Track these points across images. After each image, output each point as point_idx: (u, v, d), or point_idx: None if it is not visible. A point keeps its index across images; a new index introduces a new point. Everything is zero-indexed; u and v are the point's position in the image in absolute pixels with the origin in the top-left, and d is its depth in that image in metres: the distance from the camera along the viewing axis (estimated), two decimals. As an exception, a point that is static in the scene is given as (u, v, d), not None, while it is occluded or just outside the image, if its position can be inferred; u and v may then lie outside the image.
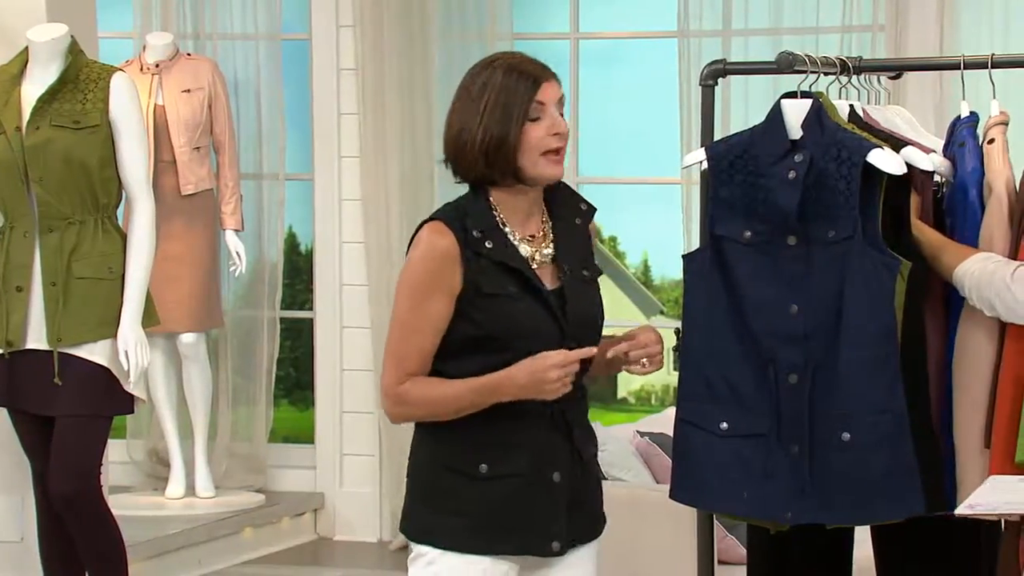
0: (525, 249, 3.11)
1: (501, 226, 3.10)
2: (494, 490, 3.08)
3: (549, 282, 3.11)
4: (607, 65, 7.55)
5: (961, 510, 3.03)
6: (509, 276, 3.07)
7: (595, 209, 3.24)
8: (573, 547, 3.14)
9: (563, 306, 3.09)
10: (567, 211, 3.17)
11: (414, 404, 3.08)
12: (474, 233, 3.07)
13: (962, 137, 3.64)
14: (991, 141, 3.60)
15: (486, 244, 3.07)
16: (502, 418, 3.07)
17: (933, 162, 3.60)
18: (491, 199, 3.10)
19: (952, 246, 3.56)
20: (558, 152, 3.08)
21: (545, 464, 3.09)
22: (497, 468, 3.08)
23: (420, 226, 3.12)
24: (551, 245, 3.14)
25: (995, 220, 3.52)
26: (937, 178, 3.68)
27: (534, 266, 3.10)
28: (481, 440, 3.09)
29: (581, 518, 3.14)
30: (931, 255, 3.56)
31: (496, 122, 3.05)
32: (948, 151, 3.68)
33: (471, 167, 3.08)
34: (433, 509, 3.10)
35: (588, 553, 3.18)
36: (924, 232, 3.59)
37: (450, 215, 3.10)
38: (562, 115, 3.10)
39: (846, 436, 3.50)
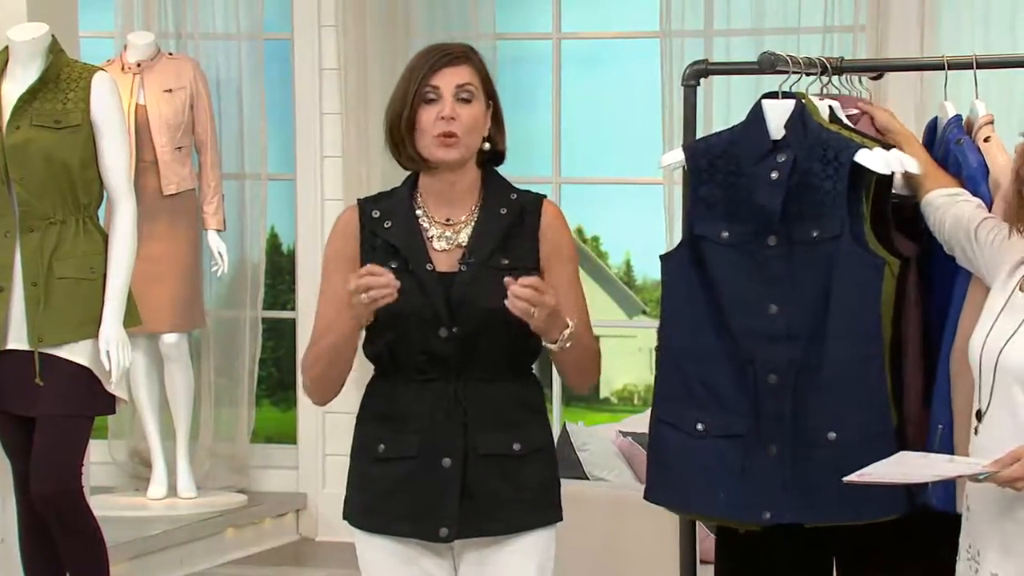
0: (433, 232, 3.18)
1: (414, 209, 3.20)
2: (389, 471, 3.18)
3: (447, 265, 3.16)
4: (589, 65, 7.57)
5: (851, 478, 3.08)
6: (394, 254, 3.17)
7: (539, 197, 3.25)
8: (468, 537, 3.16)
9: (447, 288, 3.13)
10: (494, 202, 3.22)
11: (305, 367, 3.25)
12: (374, 214, 3.21)
13: (957, 135, 3.65)
14: (987, 139, 3.61)
15: (384, 224, 3.19)
16: (400, 400, 3.17)
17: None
18: (419, 181, 3.22)
19: (930, 176, 3.55)
20: (449, 136, 3.14)
21: (435, 448, 3.15)
22: (392, 449, 3.17)
23: None
24: (469, 231, 3.18)
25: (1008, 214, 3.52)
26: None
27: (439, 248, 3.17)
28: (382, 421, 3.19)
29: (478, 510, 3.15)
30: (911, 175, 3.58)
31: (394, 103, 3.18)
32: (937, 151, 3.68)
33: (391, 148, 3.21)
34: (348, 487, 3.25)
35: (520, 547, 3.18)
36: (912, 150, 3.58)
37: (369, 198, 3.28)
38: (467, 101, 3.16)
39: (832, 435, 3.50)
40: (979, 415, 3.17)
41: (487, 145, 3.22)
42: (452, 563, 3.21)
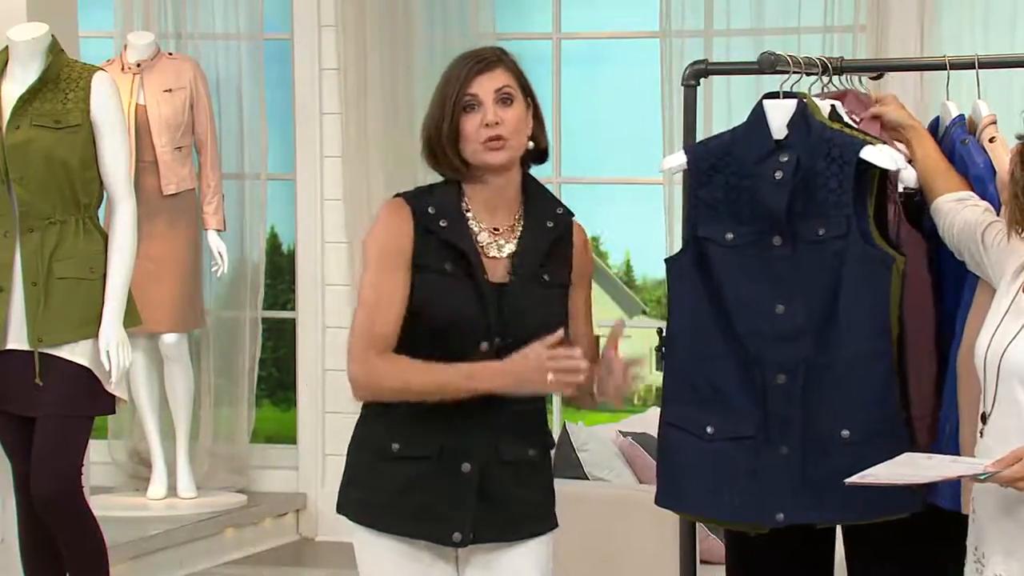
0: (484, 239, 3.16)
1: (464, 212, 3.16)
2: (402, 470, 3.14)
3: (498, 276, 3.14)
4: (589, 65, 7.55)
5: (854, 479, 3.07)
6: (452, 256, 3.13)
7: (571, 214, 3.26)
8: (481, 542, 3.15)
9: (499, 299, 3.11)
10: (540, 213, 3.20)
11: (383, 375, 3.08)
12: (429, 210, 3.15)
13: (961, 135, 3.65)
14: (992, 139, 3.61)
15: (440, 223, 3.14)
16: (425, 403, 3.10)
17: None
18: (463, 187, 3.17)
19: (941, 175, 3.56)
20: (497, 140, 3.12)
21: (455, 452, 3.12)
22: (407, 449, 3.13)
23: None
24: (515, 242, 3.17)
25: None
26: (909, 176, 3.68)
27: (489, 256, 3.14)
28: (398, 420, 3.14)
29: (494, 515, 3.14)
30: (922, 171, 3.57)
31: (433, 114, 3.16)
32: (943, 150, 3.68)
33: (429, 159, 3.18)
34: (349, 482, 3.20)
35: (526, 551, 3.18)
36: (923, 147, 3.59)
37: (413, 193, 3.21)
38: (508, 103, 3.14)
39: (846, 433, 3.49)
40: (984, 418, 3.16)
41: (531, 144, 3.19)
42: (456, 566, 3.20)
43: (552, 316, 3.15)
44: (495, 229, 3.17)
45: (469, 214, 3.17)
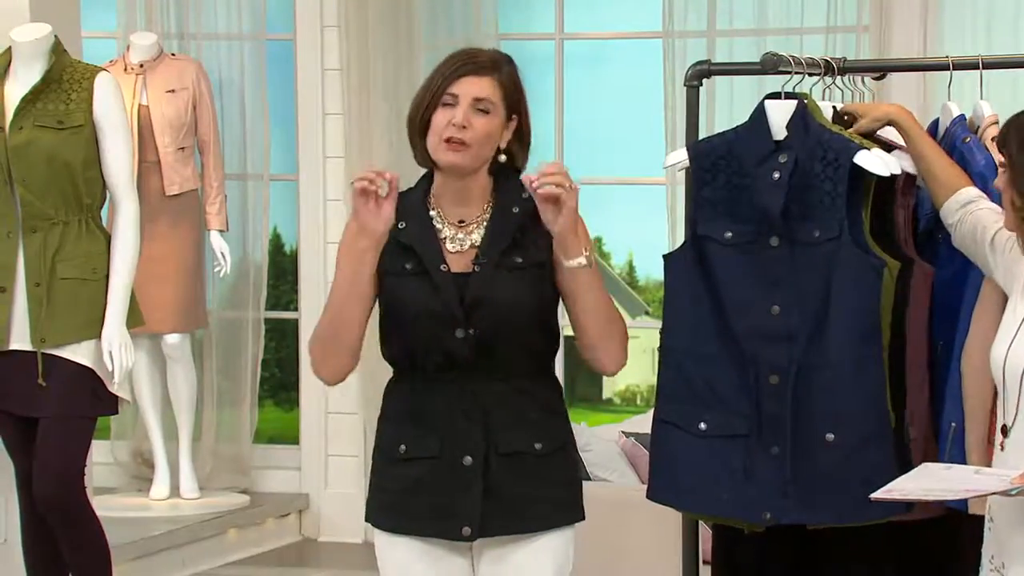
0: (447, 232, 3.18)
1: (427, 209, 3.19)
2: (409, 471, 3.18)
3: (462, 266, 3.15)
4: (592, 66, 7.56)
5: (878, 494, 3.05)
6: (409, 255, 3.16)
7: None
8: (490, 535, 3.16)
9: (461, 289, 3.12)
10: (507, 201, 3.20)
11: (311, 341, 3.19)
12: None
13: (963, 133, 3.66)
14: (994, 139, 3.61)
15: (399, 225, 3.16)
16: (419, 401, 3.17)
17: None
18: (433, 183, 3.21)
19: (941, 175, 3.54)
20: (457, 143, 3.12)
21: (456, 448, 3.15)
22: (413, 450, 3.18)
23: None
24: (482, 231, 3.18)
25: None
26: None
27: (452, 249, 3.17)
28: (402, 423, 3.19)
29: (499, 508, 3.15)
30: (923, 171, 3.56)
31: (416, 99, 3.18)
32: (943, 148, 3.68)
33: (410, 140, 3.20)
34: (369, 488, 3.25)
35: (539, 546, 3.18)
36: (917, 146, 3.58)
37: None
38: (483, 113, 3.13)
39: (830, 436, 3.50)
40: (1005, 430, 3.12)
41: (503, 157, 3.19)
42: (471, 561, 3.22)
43: (525, 296, 3.14)
44: (461, 222, 3.19)
45: (433, 212, 3.19)
